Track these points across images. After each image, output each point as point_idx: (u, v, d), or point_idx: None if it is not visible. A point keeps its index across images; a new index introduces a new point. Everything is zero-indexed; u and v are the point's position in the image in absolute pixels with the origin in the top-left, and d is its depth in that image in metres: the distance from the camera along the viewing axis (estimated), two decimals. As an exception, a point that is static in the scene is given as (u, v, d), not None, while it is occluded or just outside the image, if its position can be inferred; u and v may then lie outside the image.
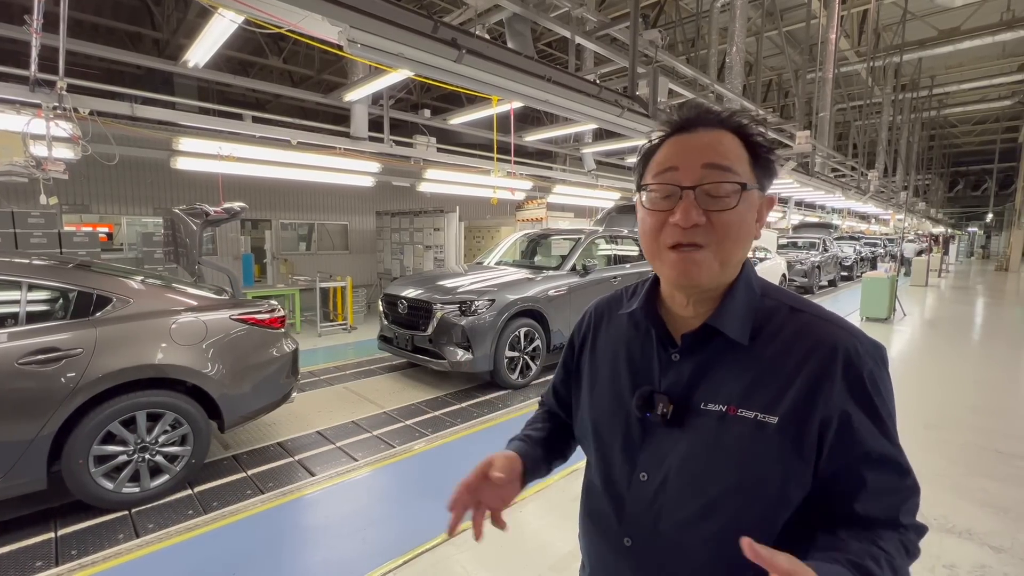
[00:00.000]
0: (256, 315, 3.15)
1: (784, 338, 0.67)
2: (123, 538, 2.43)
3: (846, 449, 0.62)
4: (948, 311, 9.72)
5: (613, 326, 0.83)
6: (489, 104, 5.72)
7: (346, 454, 3.38)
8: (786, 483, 0.63)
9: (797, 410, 0.63)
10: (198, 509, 2.71)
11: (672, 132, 0.70)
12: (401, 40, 2.78)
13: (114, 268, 3.23)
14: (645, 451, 0.71)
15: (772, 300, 0.71)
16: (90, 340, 2.52)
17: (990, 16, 11.63)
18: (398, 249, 9.85)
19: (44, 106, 4.11)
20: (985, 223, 34.18)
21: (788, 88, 14.64)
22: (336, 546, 2.37)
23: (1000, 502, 2.75)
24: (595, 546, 0.81)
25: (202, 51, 3.52)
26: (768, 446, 0.63)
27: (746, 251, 0.69)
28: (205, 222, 3.63)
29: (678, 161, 0.66)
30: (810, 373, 0.63)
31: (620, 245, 6.50)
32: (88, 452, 2.52)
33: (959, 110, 19.63)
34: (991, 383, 5.06)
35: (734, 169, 0.64)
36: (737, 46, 7.70)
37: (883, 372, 0.66)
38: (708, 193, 0.64)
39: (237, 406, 3.00)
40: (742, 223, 0.65)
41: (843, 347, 0.64)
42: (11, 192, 7.06)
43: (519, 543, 2.39)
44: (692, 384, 0.69)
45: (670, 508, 0.68)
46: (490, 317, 4.51)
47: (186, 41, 7.90)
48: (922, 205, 21.26)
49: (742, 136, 0.67)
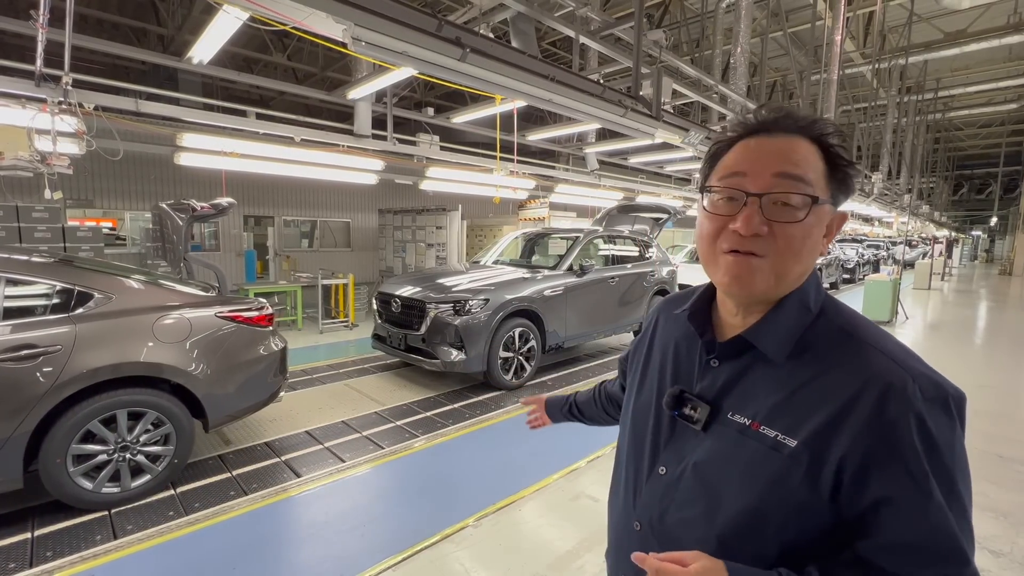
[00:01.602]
0: (243, 312, 3.09)
1: (824, 363, 0.62)
2: (101, 539, 2.39)
3: (866, 493, 0.57)
4: (950, 314, 9.69)
5: (671, 323, 0.84)
6: (492, 103, 5.72)
7: (334, 455, 3.34)
8: (793, 508, 0.60)
9: (817, 438, 0.59)
10: (179, 510, 2.66)
11: (745, 134, 0.66)
12: (405, 38, 2.78)
13: (97, 264, 3.18)
14: (669, 447, 0.73)
15: (829, 320, 0.66)
16: (69, 337, 2.46)
17: (997, 19, 11.57)
18: (400, 247, 9.86)
19: (49, 101, 4.12)
20: (989, 227, 34.05)
21: (792, 89, 14.59)
22: (315, 551, 2.34)
23: (1001, 506, 2.74)
24: (613, 525, 0.87)
25: (207, 47, 3.52)
26: (779, 468, 0.61)
27: (808, 267, 0.65)
28: (192, 217, 3.55)
29: (747, 166, 0.63)
30: (841, 403, 0.58)
31: (620, 245, 6.46)
32: (66, 451, 2.47)
33: (964, 113, 19.52)
34: (993, 387, 5.04)
35: (808, 180, 0.61)
36: (742, 47, 7.67)
37: (941, 419, 0.57)
38: (776, 203, 0.61)
39: (222, 405, 2.94)
40: (807, 238, 0.61)
41: (886, 380, 0.58)
42: (16, 186, 7.08)
43: (518, 541, 2.39)
44: (724, 392, 0.69)
45: (677, 505, 0.70)
46: (484, 317, 4.47)
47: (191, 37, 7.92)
48: (926, 208, 21.18)
49: (822, 146, 0.63)
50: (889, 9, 11.40)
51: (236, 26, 3.12)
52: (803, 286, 0.67)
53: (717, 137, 0.70)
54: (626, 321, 6.12)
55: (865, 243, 18.94)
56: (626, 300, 6.06)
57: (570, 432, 3.72)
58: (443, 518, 2.57)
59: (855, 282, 15.23)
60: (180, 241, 3.56)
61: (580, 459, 3.24)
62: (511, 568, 2.21)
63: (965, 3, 9.76)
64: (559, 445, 3.47)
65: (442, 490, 2.89)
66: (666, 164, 10.64)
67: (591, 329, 5.62)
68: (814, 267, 0.68)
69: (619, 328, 6.09)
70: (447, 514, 2.61)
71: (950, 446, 0.57)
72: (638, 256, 6.56)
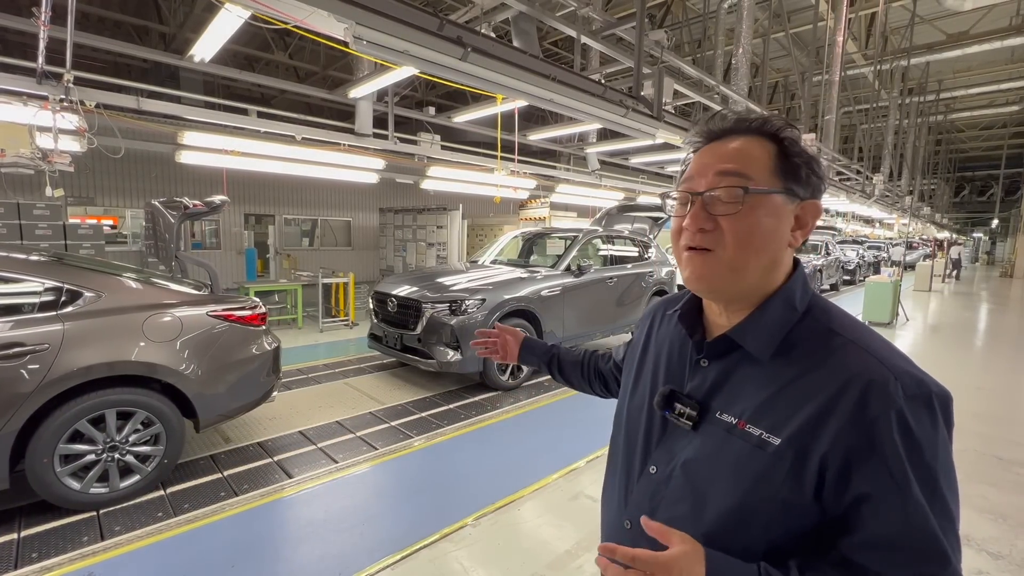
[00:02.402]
0: (235, 311, 3.04)
1: (811, 360, 0.63)
2: (88, 540, 2.35)
3: (848, 491, 0.58)
4: (951, 316, 9.69)
5: (665, 324, 0.86)
6: (494, 102, 5.72)
7: (327, 455, 3.29)
8: (777, 506, 0.61)
9: (800, 436, 0.60)
10: (168, 511, 2.62)
11: (703, 143, 0.70)
12: (407, 37, 2.78)
13: (87, 261, 3.14)
14: (660, 446, 0.74)
15: (815, 320, 0.67)
16: (57, 335, 2.41)
17: (999, 21, 11.57)
18: (401, 246, 9.87)
19: (51, 98, 4.13)
20: (990, 229, 34.04)
21: (794, 90, 14.59)
22: (305, 554, 2.34)
23: (999, 509, 2.74)
24: (604, 523, 0.88)
25: (208, 46, 3.52)
26: (764, 466, 0.62)
27: (771, 259, 0.66)
28: (183, 215, 3.48)
29: (697, 170, 0.68)
30: (823, 401, 0.59)
31: (619, 246, 6.44)
32: (54, 451, 2.43)
33: (966, 115, 19.52)
34: (993, 389, 5.04)
35: (746, 174, 0.64)
36: (743, 47, 7.67)
37: (923, 417, 0.57)
38: (715, 199, 0.65)
39: (213, 405, 2.89)
40: (753, 229, 0.64)
41: (867, 378, 0.58)
42: (17, 184, 7.10)
43: (516, 541, 2.40)
44: (712, 391, 0.70)
45: (667, 503, 0.71)
46: (480, 317, 4.44)
47: (192, 35, 7.93)
48: (927, 210, 21.17)
49: (776, 140, 0.66)
50: (891, 10, 11.39)
51: (238, 24, 3.13)
52: (788, 284, 0.68)
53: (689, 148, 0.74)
54: (624, 322, 6.11)
55: (866, 244, 18.92)
56: (624, 300, 6.05)
57: (570, 432, 3.73)
58: (442, 517, 2.57)
59: (856, 283, 15.22)
60: (172, 239, 3.50)
61: (579, 459, 3.24)
62: (510, 567, 2.21)
63: (967, 5, 9.76)
64: (558, 445, 3.47)
65: (441, 490, 2.90)
66: (667, 165, 10.63)
67: (589, 329, 5.60)
68: (794, 262, 0.70)
69: (617, 328, 6.08)
70: (446, 514, 2.61)
71: (932, 444, 0.57)
72: (636, 256, 6.54)
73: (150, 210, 3.85)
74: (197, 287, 3.20)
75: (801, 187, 0.66)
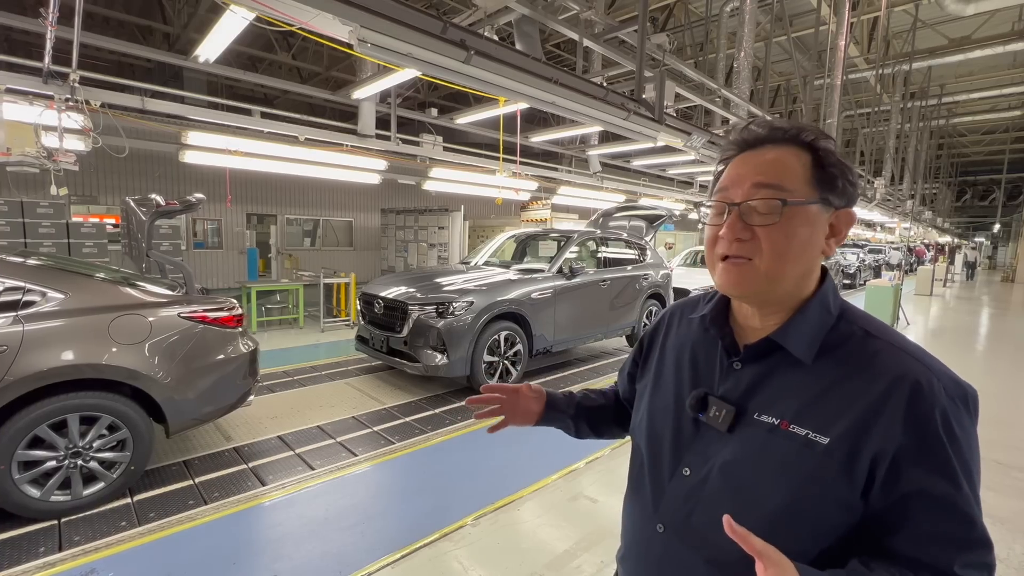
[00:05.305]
0: (208, 313, 2.95)
1: (852, 363, 0.65)
2: (44, 551, 2.25)
3: (898, 487, 0.60)
4: (951, 321, 9.69)
5: (684, 327, 0.86)
6: (496, 104, 5.75)
7: (304, 462, 3.19)
8: (826, 505, 0.63)
9: (850, 435, 0.61)
10: (132, 520, 2.51)
11: (738, 152, 0.71)
12: (410, 40, 2.80)
13: (55, 260, 3.06)
14: (693, 449, 0.74)
15: (849, 323, 0.69)
16: (16, 337, 2.32)
17: (1001, 26, 11.58)
18: (402, 247, 9.89)
19: (56, 98, 4.16)
20: (992, 233, 33.98)
21: (796, 94, 14.60)
22: (314, 549, 2.35)
23: (998, 513, 2.75)
24: (631, 528, 0.86)
25: (212, 46, 3.55)
26: (812, 465, 0.63)
27: (807, 267, 0.68)
28: (155, 213, 3.37)
29: (731, 181, 0.69)
30: (871, 401, 0.62)
31: (613, 247, 6.35)
32: (12, 457, 2.33)
33: (968, 119, 19.53)
34: (993, 394, 5.04)
35: (784, 186, 0.65)
36: (745, 51, 7.69)
37: (961, 414, 0.61)
38: (753, 209, 0.66)
39: (184, 409, 2.79)
40: (790, 239, 0.65)
41: (913, 379, 0.61)
42: (21, 182, 7.13)
43: (516, 541, 2.41)
44: (748, 393, 0.71)
45: (705, 505, 0.71)
46: (468, 319, 4.33)
47: (196, 36, 7.96)
48: (929, 214, 21.16)
49: (812, 150, 0.67)
50: (893, 15, 11.41)
51: (242, 26, 3.16)
52: (822, 289, 0.70)
53: (721, 156, 0.75)
54: (618, 325, 5.98)
55: (867, 248, 18.90)
56: (618, 303, 5.93)
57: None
58: (442, 517, 2.58)
59: (855, 287, 15.20)
60: (144, 238, 3.38)
61: (579, 460, 3.25)
62: (509, 567, 2.23)
63: (969, 9, 9.78)
64: (557, 446, 3.48)
65: (440, 490, 2.91)
66: (668, 167, 10.65)
67: (581, 333, 5.49)
68: (821, 269, 0.72)
69: (610, 332, 5.97)
70: (445, 513, 2.62)
71: (969, 440, 0.61)
72: (632, 259, 6.44)
73: (124, 208, 3.77)
74: (171, 287, 3.12)
75: (836, 196, 0.67)
